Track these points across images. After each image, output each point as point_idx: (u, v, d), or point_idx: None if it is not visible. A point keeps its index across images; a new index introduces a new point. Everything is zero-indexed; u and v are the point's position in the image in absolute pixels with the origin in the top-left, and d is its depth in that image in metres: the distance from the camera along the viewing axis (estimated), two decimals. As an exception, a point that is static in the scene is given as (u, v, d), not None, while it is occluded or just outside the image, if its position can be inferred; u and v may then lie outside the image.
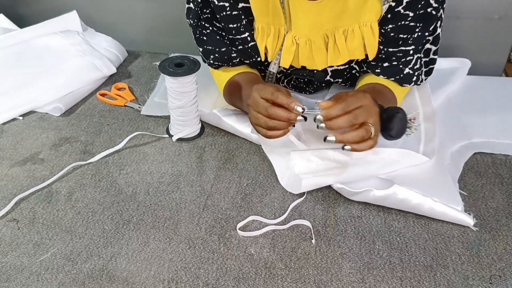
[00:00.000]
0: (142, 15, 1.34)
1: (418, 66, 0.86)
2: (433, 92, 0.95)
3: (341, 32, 0.82)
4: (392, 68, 0.85)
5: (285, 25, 0.83)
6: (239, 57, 0.89)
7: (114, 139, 0.92)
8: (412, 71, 0.85)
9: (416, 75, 0.86)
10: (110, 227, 0.74)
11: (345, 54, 0.84)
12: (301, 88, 0.99)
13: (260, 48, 0.87)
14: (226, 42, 0.88)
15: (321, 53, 0.85)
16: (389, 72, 0.86)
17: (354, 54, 0.84)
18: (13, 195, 0.80)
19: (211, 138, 0.92)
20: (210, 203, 0.78)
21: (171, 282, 0.66)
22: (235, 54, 0.89)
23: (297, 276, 0.67)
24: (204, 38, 0.89)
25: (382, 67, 0.86)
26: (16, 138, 0.93)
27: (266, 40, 0.86)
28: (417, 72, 0.86)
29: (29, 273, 0.68)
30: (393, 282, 0.66)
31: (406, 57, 0.83)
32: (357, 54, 0.85)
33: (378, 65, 0.86)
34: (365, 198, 0.75)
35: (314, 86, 0.98)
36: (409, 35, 0.80)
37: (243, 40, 0.86)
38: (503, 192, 0.79)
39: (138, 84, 1.09)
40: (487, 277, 0.66)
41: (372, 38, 0.82)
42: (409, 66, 0.85)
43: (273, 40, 0.85)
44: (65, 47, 1.11)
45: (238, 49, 0.88)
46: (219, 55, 0.89)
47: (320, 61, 0.86)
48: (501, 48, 1.19)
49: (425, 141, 0.84)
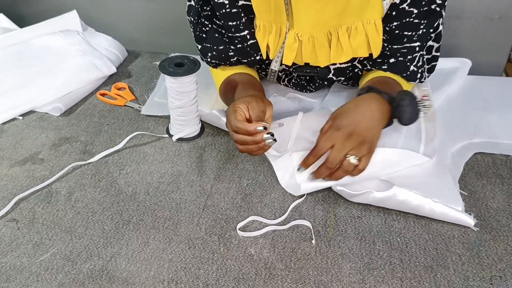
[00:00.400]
0: (142, 15, 1.34)
1: (421, 63, 0.86)
2: (434, 92, 0.95)
3: (345, 29, 0.82)
4: (398, 64, 0.85)
5: (287, 22, 0.83)
6: (236, 56, 0.89)
7: (114, 139, 0.92)
8: (416, 68, 0.86)
9: (420, 72, 0.87)
10: (110, 227, 0.74)
11: (348, 51, 0.84)
12: (302, 86, 0.99)
13: (262, 46, 0.87)
14: (225, 40, 0.88)
15: (324, 50, 0.85)
16: (395, 68, 0.86)
17: (357, 51, 0.84)
18: (13, 195, 0.80)
19: (211, 138, 0.92)
20: (210, 203, 0.78)
21: (171, 282, 0.66)
22: (233, 53, 0.89)
23: (297, 276, 0.67)
24: (203, 35, 0.89)
25: (388, 63, 0.86)
26: (16, 138, 0.93)
27: (268, 38, 0.85)
28: (421, 69, 0.86)
29: (28, 273, 0.68)
30: (393, 282, 0.66)
31: (412, 53, 0.83)
32: (360, 52, 0.84)
33: (384, 61, 0.86)
34: (365, 200, 0.75)
35: (315, 84, 0.98)
36: (414, 32, 0.80)
37: (242, 38, 0.86)
38: (504, 192, 0.79)
39: (138, 84, 1.09)
40: (488, 277, 0.66)
41: (376, 36, 0.81)
42: (414, 63, 0.85)
43: (274, 37, 0.85)
44: (65, 47, 1.11)
45: (237, 48, 0.88)
46: (217, 53, 0.89)
47: (323, 58, 0.86)
48: (501, 48, 1.19)
49: (426, 141, 0.84)
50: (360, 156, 0.71)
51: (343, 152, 0.71)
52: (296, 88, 1.00)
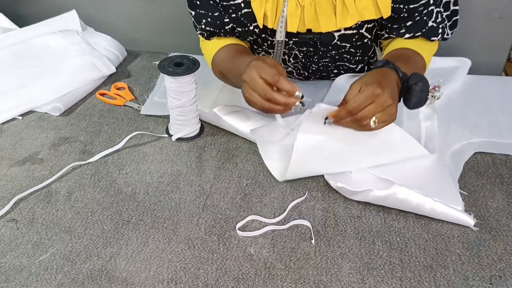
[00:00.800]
0: (141, 14, 1.34)
1: (440, 19, 0.85)
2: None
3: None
4: (416, 24, 0.84)
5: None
6: (231, 23, 0.87)
7: (114, 139, 0.92)
8: (435, 24, 0.84)
9: (440, 27, 0.85)
10: (110, 227, 0.74)
11: (354, 13, 0.82)
12: (304, 67, 0.97)
13: (259, 16, 0.85)
14: (219, 8, 0.87)
15: (327, 14, 0.83)
16: (414, 28, 0.85)
17: (363, 14, 0.83)
18: (12, 195, 0.79)
19: (210, 137, 0.92)
20: (210, 203, 0.78)
21: (171, 282, 0.66)
22: (228, 20, 0.87)
23: (296, 276, 0.66)
24: (197, 2, 0.87)
25: (406, 26, 0.85)
26: (15, 138, 0.93)
27: (265, 5, 0.84)
28: (441, 25, 0.85)
29: (28, 274, 0.67)
30: (393, 282, 0.65)
31: (427, 7, 0.82)
32: (367, 15, 0.83)
33: (401, 26, 0.85)
34: (365, 198, 0.75)
35: (317, 55, 0.95)
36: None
37: (236, 6, 0.84)
38: (503, 192, 0.79)
39: (137, 83, 1.09)
40: (487, 277, 0.66)
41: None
42: (432, 19, 0.84)
43: (272, 5, 0.84)
44: (65, 47, 1.11)
45: (231, 17, 0.86)
46: (211, 20, 0.87)
47: (325, 23, 0.84)
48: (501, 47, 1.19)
49: (426, 141, 0.84)
50: (380, 122, 0.72)
51: (378, 110, 0.71)
52: (296, 70, 0.98)
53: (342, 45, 0.92)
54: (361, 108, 0.71)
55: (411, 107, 0.77)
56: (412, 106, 0.77)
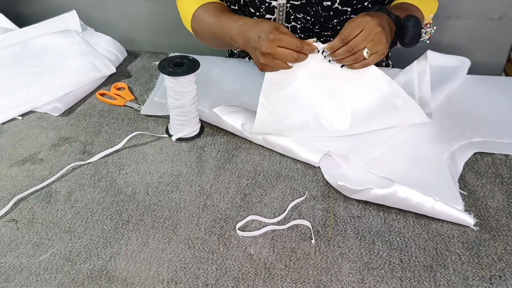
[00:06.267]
0: (142, 15, 1.35)
1: None
2: (433, 91, 0.94)
3: None
4: None
5: None
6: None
7: (114, 139, 0.92)
8: None
9: None
10: (110, 227, 0.74)
11: None
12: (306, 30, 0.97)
13: None
14: None
15: None
16: None
17: None
18: (12, 195, 0.79)
19: (210, 138, 0.92)
20: (210, 203, 0.78)
21: (171, 282, 0.66)
22: None
23: (296, 276, 0.66)
24: None
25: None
26: (15, 138, 0.93)
27: None
28: None
29: (28, 274, 0.67)
30: (393, 282, 0.65)
31: None
32: None
33: None
34: (366, 196, 0.75)
35: (321, 18, 0.94)
36: None
37: None
38: (503, 192, 0.79)
39: (137, 83, 1.09)
40: (487, 277, 0.66)
41: None
42: None
43: None
44: (65, 47, 1.11)
45: None
46: None
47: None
48: (501, 47, 1.19)
49: (421, 106, 0.85)
50: (372, 52, 0.74)
51: (369, 38, 0.73)
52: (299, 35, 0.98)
53: (343, 10, 0.92)
54: (352, 36, 0.73)
55: (407, 44, 0.79)
56: (408, 42, 0.79)
